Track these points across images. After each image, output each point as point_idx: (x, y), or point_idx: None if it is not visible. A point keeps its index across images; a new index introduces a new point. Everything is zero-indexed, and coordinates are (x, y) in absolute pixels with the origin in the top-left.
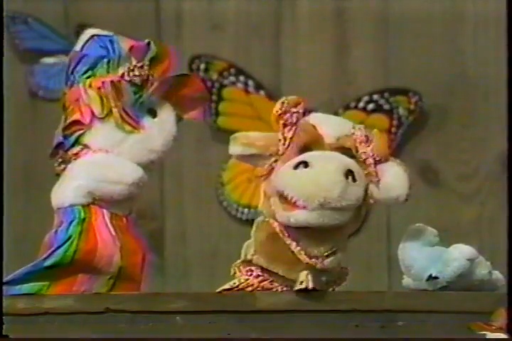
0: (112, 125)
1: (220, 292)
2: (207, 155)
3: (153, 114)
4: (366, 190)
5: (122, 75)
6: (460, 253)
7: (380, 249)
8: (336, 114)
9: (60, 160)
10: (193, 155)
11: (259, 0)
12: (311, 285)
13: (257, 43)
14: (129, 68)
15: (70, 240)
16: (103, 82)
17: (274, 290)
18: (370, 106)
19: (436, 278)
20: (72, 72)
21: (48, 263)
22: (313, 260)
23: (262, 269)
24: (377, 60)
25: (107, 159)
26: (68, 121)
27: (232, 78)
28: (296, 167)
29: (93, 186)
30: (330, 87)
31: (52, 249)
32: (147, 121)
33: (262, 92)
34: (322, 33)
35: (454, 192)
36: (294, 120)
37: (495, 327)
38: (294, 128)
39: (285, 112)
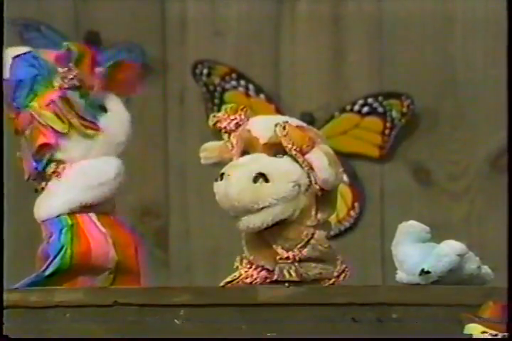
0: (76, 135)
1: (222, 286)
2: None
3: (103, 109)
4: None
5: (61, 86)
6: (451, 249)
7: (375, 246)
8: (332, 116)
9: (39, 179)
10: (197, 156)
11: (260, 8)
12: (296, 278)
13: (257, 49)
14: (62, 77)
15: (64, 248)
16: (52, 100)
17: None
18: (365, 109)
19: (428, 272)
20: (13, 99)
21: (48, 272)
22: (290, 253)
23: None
24: (371, 65)
25: (83, 166)
26: (35, 147)
27: (233, 82)
28: (216, 179)
29: (83, 196)
30: (327, 90)
31: (50, 259)
32: (102, 118)
33: (261, 96)
34: (319, 39)
35: (445, 191)
36: (233, 127)
37: (483, 318)
38: (236, 134)
39: (221, 120)
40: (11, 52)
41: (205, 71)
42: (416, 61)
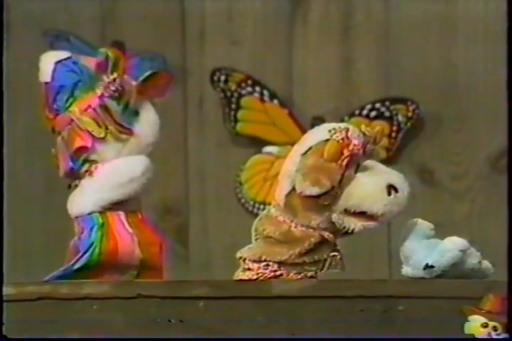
0: (112, 139)
1: (240, 280)
2: (227, 157)
3: (136, 113)
4: None
5: (102, 94)
6: (453, 244)
7: (381, 242)
8: (341, 120)
9: (73, 176)
10: (215, 158)
11: (273, 19)
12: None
13: (271, 57)
14: (104, 86)
15: (94, 245)
16: (90, 106)
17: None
18: (373, 113)
19: (432, 267)
20: (53, 102)
21: (76, 266)
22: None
23: (279, 265)
24: (378, 72)
25: (114, 165)
26: (73, 148)
27: (249, 88)
28: (389, 193)
29: (113, 194)
30: (336, 96)
31: (79, 254)
32: (135, 122)
33: (275, 101)
34: (329, 47)
35: (448, 190)
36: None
37: (484, 311)
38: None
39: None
40: (51, 57)
41: (222, 78)
42: (420, 68)
